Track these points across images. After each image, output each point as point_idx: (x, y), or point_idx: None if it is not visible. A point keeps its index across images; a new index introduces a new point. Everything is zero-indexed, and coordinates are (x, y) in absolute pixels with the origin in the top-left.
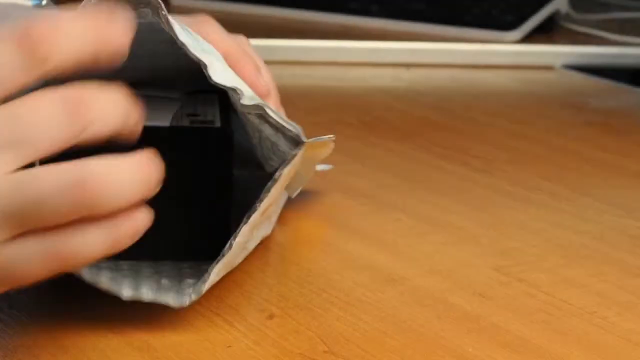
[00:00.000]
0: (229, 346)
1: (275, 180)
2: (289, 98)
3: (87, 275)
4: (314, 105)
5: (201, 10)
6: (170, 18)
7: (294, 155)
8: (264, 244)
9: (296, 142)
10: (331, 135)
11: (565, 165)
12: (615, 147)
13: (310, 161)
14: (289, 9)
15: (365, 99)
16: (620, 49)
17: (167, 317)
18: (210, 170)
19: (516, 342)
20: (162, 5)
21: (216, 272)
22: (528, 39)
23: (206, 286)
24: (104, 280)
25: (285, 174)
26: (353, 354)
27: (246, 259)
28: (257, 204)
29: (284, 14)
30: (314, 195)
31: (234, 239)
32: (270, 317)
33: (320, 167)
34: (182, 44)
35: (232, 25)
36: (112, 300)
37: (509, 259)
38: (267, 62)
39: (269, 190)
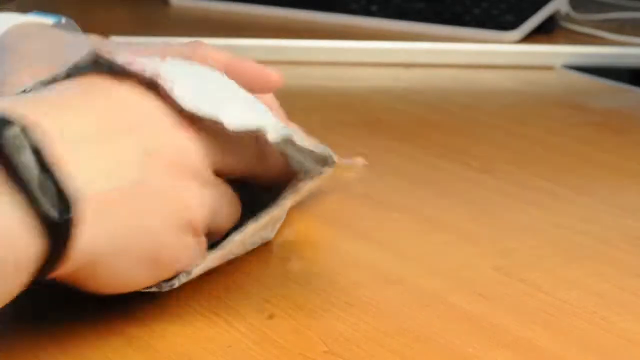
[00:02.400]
0: (229, 346)
1: (296, 192)
2: (289, 98)
3: None
4: (314, 105)
5: (201, 10)
6: (178, 93)
7: (322, 173)
8: (264, 243)
9: (325, 161)
10: (364, 161)
11: (565, 165)
12: (615, 147)
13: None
14: (289, 9)
15: (365, 99)
16: (620, 49)
17: (168, 318)
18: None
19: (516, 342)
20: (162, 80)
21: (211, 259)
22: (528, 39)
23: (197, 270)
24: None
25: (308, 188)
26: (353, 354)
27: (246, 259)
28: (273, 208)
29: (284, 14)
30: (314, 195)
31: (236, 235)
32: (271, 317)
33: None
34: (196, 108)
35: (232, 25)
36: (112, 301)
37: (509, 259)
38: (268, 62)
39: (286, 198)
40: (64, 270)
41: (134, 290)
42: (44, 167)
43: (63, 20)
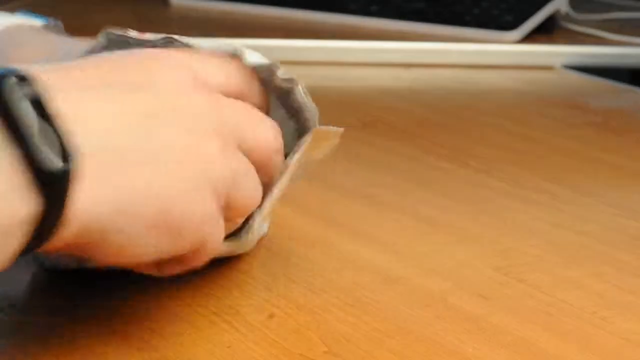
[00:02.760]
0: (229, 346)
1: (286, 168)
2: None
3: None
4: None
5: (201, 10)
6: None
7: (305, 142)
8: (263, 244)
9: (305, 129)
10: (340, 128)
11: (565, 165)
12: (615, 147)
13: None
14: (289, 9)
15: (365, 99)
16: (620, 49)
17: (168, 318)
18: None
19: (516, 343)
20: (176, 38)
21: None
22: (528, 39)
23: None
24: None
25: (294, 163)
26: (353, 354)
27: (246, 259)
28: (274, 189)
29: (284, 14)
30: (313, 195)
31: (254, 221)
32: (270, 317)
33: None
34: (215, 48)
35: (232, 25)
36: (112, 301)
37: (509, 259)
38: None
39: (281, 178)
40: (66, 236)
41: (152, 261)
42: (44, 118)
43: (51, 22)
